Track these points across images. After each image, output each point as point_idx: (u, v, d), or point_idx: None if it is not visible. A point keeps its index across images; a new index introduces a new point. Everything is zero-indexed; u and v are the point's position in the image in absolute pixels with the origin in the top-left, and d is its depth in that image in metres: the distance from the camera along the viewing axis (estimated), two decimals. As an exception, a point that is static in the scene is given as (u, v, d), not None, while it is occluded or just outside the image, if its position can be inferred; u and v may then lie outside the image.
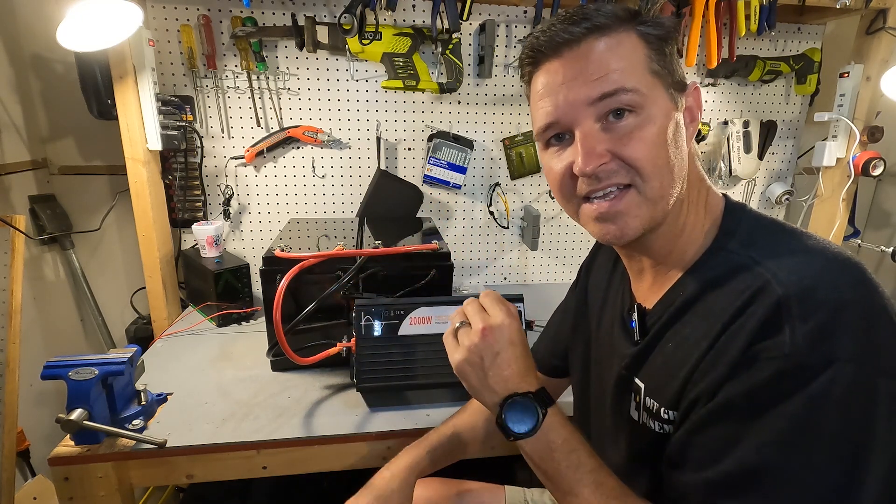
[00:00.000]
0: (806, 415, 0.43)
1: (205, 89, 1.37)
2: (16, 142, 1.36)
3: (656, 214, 0.53)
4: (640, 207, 0.53)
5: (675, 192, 0.53)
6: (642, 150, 0.51)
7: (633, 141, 0.51)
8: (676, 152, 0.53)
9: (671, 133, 0.52)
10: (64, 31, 1.00)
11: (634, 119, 0.51)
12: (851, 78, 1.48)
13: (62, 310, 1.53)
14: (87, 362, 0.80)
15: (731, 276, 0.50)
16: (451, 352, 0.59)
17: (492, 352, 0.56)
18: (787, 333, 0.43)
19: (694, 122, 0.57)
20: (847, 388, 0.42)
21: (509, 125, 1.54)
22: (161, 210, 1.35)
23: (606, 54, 0.51)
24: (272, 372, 1.07)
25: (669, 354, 0.55)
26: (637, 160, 0.51)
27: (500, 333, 0.57)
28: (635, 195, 0.53)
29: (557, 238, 1.67)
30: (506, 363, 0.56)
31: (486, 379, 0.57)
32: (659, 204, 0.53)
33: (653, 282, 0.61)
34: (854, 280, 0.46)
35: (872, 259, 1.96)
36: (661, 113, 0.52)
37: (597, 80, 0.51)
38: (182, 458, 0.84)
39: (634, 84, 0.51)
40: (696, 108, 0.57)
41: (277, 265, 0.98)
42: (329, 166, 1.48)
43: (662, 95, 0.53)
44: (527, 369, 0.57)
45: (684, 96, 0.55)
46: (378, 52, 1.33)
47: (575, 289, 0.83)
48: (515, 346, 0.57)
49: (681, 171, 0.54)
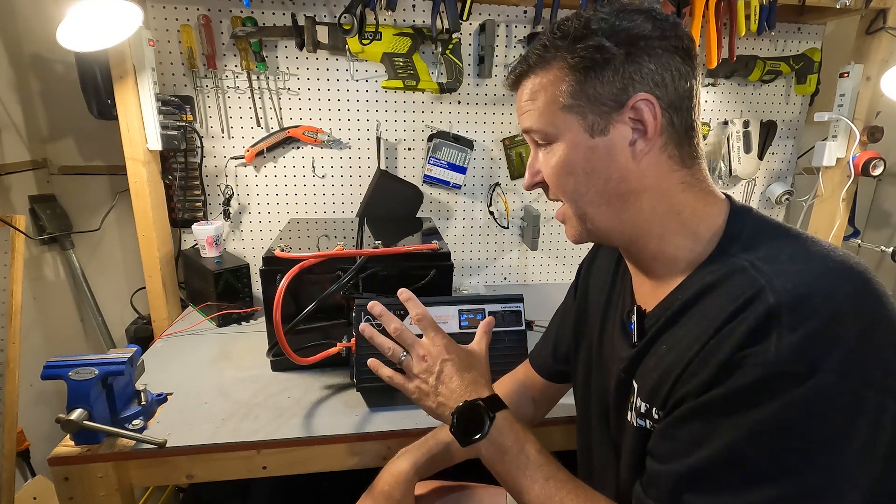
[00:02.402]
0: (783, 419, 0.43)
1: (205, 89, 1.37)
2: (16, 142, 1.36)
3: (591, 229, 0.59)
4: (572, 220, 0.61)
5: (603, 213, 0.57)
6: (552, 177, 0.59)
7: (546, 169, 0.59)
8: (589, 178, 0.56)
9: (582, 163, 0.56)
10: (64, 31, 1.00)
11: (547, 149, 0.58)
12: (851, 78, 1.48)
13: (62, 310, 1.53)
14: (87, 362, 0.81)
15: (729, 280, 0.50)
16: (404, 383, 0.66)
17: (435, 371, 0.64)
18: (774, 341, 0.43)
19: (647, 135, 0.54)
20: (829, 397, 0.42)
21: (509, 125, 1.54)
22: (161, 210, 1.35)
23: (526, 94, 0.59)
24: (272, 372, 1.07)
25: (662, 356, 0.55)
26: (550, 185, 0.60)
27: (436, 353, 0.65)
28: (567, 210, 0.60)
29: (557, 238, 1.67)
30: (448, 378, 0.64)
31: (437, 397, 0.64)
32: (585, 221, 0.59)
33: (654, 284, 0.60)
34: (853, 289, 0.45)
35: (872, 259, 1.95)
36: (568, 145, 0.56)
37: (522, 116, 0.60)
38: (182, 458, 0.84)
39: (539, 125, 0.57)
40: (648, 120, 0.53)
41: (277, 265, 0.98)
42: (329, 166, 1.48)
43: (573, 128, 0.55)
44: (472, 380, 0.64)
45: (623, 113, 0.53)
46: (378, 52, 1.33)
47: (575, 291, 0.83)
48: (452, 362, 0.64)
49: (604, 194, 0.56)
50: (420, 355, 0.65)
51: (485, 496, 0.88)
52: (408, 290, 0.69)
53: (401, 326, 0.67)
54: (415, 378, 0.65)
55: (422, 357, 0.65)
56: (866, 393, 0.42)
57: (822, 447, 0.42)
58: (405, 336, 0.66)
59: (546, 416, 0.91)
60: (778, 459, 0.43)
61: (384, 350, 0.67)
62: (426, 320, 0.67)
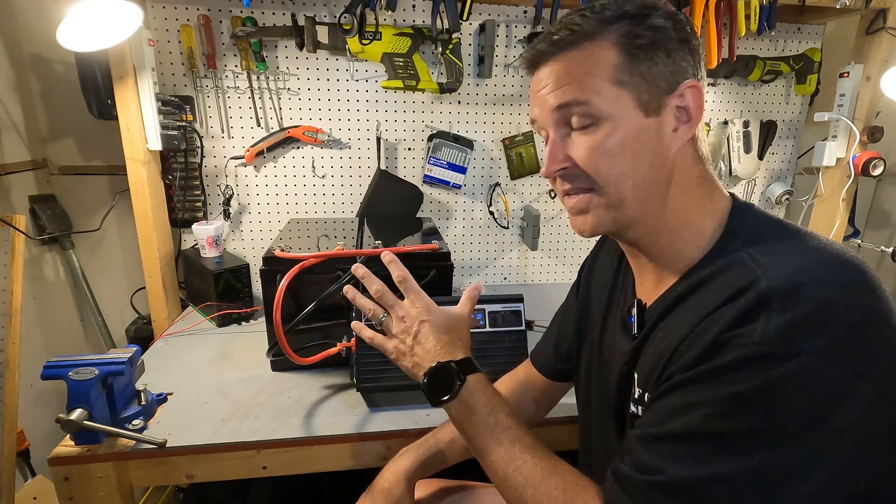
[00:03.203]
0: (762, 397, 0.43)
1: (205, 89, 1.37)
2: (16, 142, 1.36)
3: (619, 217, 0.57)
4: (599, 209, 0.57)
5: (639, 198, 0.55)
6: (596, 158, 0.54)
7: (588, 150, 0.55)
8: (638, 159, 0.54)
9: (632, 141, 0.54)
10: (64, 31, 1.00)
11: (592, 129, 0.54)
12: (851, 78, 1.48)
13: (62, 310, 1.53)
14: (87, 362, 0.80)
15: (726, 271, 0.51)
16: (383, 343, 0.68)
17: (412, 332, 0.65)
18: (762, 323, 0.44)
19: (690, 122, 0.55)
20: (810, 380, 0.42)
21: (509, 125, 1.54)
22: (161, 210, 1.35)
23: (571, 67, 0.55)
24: (272, 372, 1.07)
25: (658, 344, 0.56)
26: (590, 168, 0.55)
27: (415, 314, 0.66)
28: (595, 197, 0.57)
29: (557, 238, 1.67)
30: (424, 339, 0.65)
31: (413, 357, 0.65)
32: (619, 209, 0.56)
33: (655, 280, 0.61)
34: (847, 280, 0.46)
35: (872, 259, 1.95)
36: (620, 123, 0.53)
37: (558, 91, 0.55)
38: (182, 458, 0.84)
39: (589, 96, 0.53)
40: (693, 108, 0.55)
41: (277, 265, 0.98)
42: (329, 166, 1.48)
43: (627, 105, 0.53)
44: (450, 340, 0.65)
45: (670, 98, 0.54)
46: (378, 52, 1.33)
47: (576, 290, 0.83)
48: (430, 323, 0.65)
49: (648, 178, 0.55)
50: (399, 316, 0.66)
51: (485, 496, 0.88)
52: (391, 253, 0.70)
53: (382, 288, 0.68)
54: (393, 338, 0.67)
55: (401, 318, 0.66)
56: (850, 381, 0.43)
57: (797, 427, 0.43)
58: (386, 297, 0.68)
59: (547, 415, 0.91)
60: (752, 435, 0.44)
61: (366, 311, 0.69)
62: (407, 282, 0.68)
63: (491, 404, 0.61)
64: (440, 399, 0.62)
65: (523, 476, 0.56)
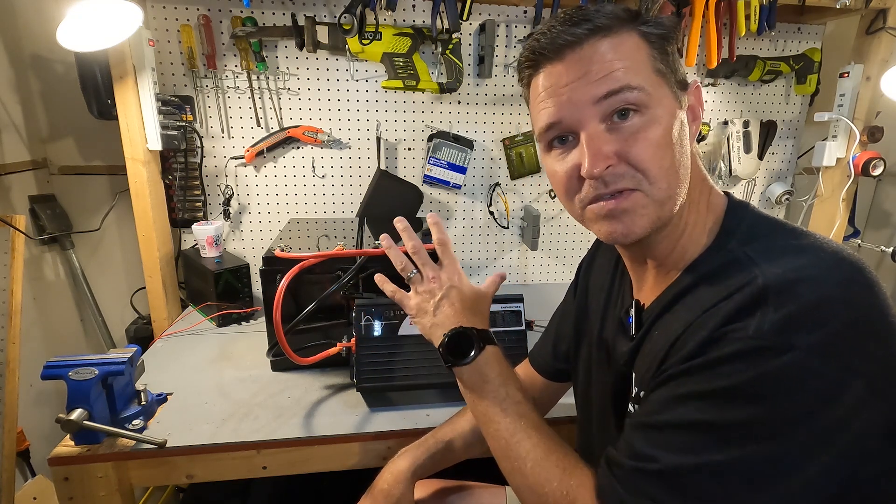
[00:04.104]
0: (755, 390, 0.44)
1: (205, 89, 1.37)
2: (16, 142, 1.36)
3: (663, 215, 0.53)
4: (647, 207, 0.52)
5: (682, 193, 0.54)
6: (648, 151, 0.50)
7: (639, 142, 0.50)
8: (681, 152, 0.53)
9: (676, 133, 0.52)
10: (64, 31, 1.00)
11: (640, 119, 0.51)
12: (851, 78, 1.48)
13: (62, 310, 1.53)
14: (87, 362, 0.81)
15: (724, 271, 0.51)
16: (404, 299, 0.69)
17: (440, 293, 0.67)
18: (757, 318, 0.44)
19: (696, 120, 0.57)
20: (804, 375, 0.42)
21: (509, 125, 1.54)
22: (161, 210, 1.35)
23: (610, 54, 0.50)
24: (272, 372, 1.07)
25: (655, 342, 0.56)
26: (643, 161, 0.50)
27: (445, 278, 0.67)
28: (642, 196, 0.52)
29: (557, 238, 1.67)
30: (450, 303, 0.66)
31: (435, 317, 0.66)
32: (666, 205, 0.53)
33: (654, 282, 0.61)
34: (844, 278, 0.46)
35: (872, 259, 1.95)
36: (666, 112, 0.52)
37: (601, 79, 0.50)
38: (182, 458, 0.84)
39: (640, 82, 0.50)
40: (698, 107, 0.57)
41: (277, 265, 0.98)
42: (329, 166, 1.48)
43: (667, 94, 0.53)
44: (473, 310, 0.67)
45: (686, 95, 0.56)
46: (378, 52, 1.33)
47: (574, 290, 0.83)
48: (459, 290, 0.67)
49: (686, 172, 0.54)
50: (430, 276, 0.68)
51: (485, 496, 0.88)
52: (404, 220, 0.71)
53: (419, 245, 0.69)
54: (418, 295, 0.68)
55: (431, 278, 0.68)
56: (843, 376, 0.43)
57: (789, 421, 0.43)
58: (421, 255, 0.69)
59: (546, 415, 0.91)
60: (744, 427, 0.44)
61: (396, 263, 0.70)
62: (446, 247, 0.69)
63: (503, 377, 0.62)
64: (459, 361, 0.63)
65: (525, 449, 0.57)
